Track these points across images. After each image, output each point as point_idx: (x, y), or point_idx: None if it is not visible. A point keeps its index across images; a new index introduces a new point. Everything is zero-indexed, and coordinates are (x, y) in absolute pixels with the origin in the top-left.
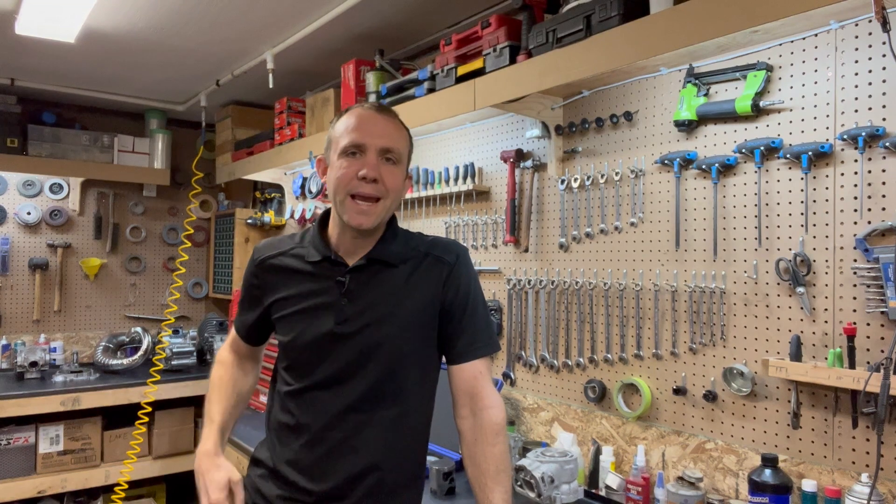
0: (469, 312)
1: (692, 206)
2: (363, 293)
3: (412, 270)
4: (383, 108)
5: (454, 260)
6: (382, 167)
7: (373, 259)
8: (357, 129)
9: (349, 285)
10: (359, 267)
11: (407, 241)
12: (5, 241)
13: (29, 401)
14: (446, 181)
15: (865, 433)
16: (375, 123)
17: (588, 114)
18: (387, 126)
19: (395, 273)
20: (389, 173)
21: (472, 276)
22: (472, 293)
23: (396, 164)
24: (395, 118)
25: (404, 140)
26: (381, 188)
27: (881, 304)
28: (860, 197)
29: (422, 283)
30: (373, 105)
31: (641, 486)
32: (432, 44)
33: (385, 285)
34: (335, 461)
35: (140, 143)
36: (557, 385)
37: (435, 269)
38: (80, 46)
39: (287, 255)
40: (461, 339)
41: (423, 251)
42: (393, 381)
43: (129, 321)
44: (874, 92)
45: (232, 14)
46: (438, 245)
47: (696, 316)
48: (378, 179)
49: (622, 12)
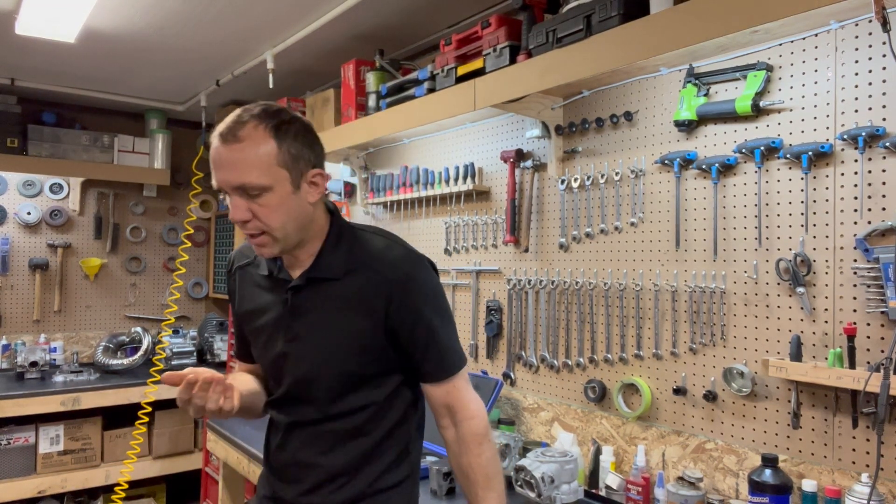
0: (427, 336)
1: (692, 206)
2: (307, 310)
3: (355, 284)
4: (231, 129)
5: (399, 277)
6: (249, 203)
7: (311, 278)
8: (213, 168)
9: (293, 302)
10: (299, 285)
11: (352, 250)
12: (5, 241)
13: (29, 401)
14: (446, 181)
15: (865, 433)
16: (222, 159)
17: (588, 114)
18: (233, 158)
19: (337, 287)
20: (259, 207)
21: (427, 293)
22: (427, 313)
23: (262, 193)
24: (243, 141)
25: (262, 162)
26: (257, 224)
27: (881, 304)
28: (860, 197)
29: (364, 299)
30: (223, 129)
31: (641, 486)
32: (432, 44)
33: (327, 301)
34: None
35: (140, 143)
36: (557, 385)
37: (378, 287)
38: (80, 46)
39: (252, 264)
40: (426, 364)
41: (369, 263)
42: (341, 399)
43: (129, 321)
44: (874, 92)
45: (232, 14)
46: (385, 259)
47: (696, 316)
48: (249, 219)
49: (622, 12)
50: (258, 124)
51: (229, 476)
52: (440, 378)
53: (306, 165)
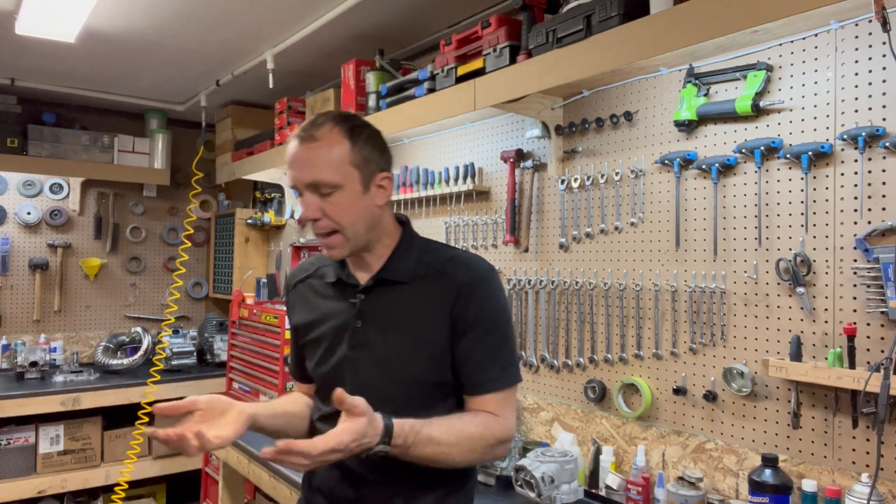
0: (477, 339)
1: (692, 206)
2: (375, 314)
3: (424, 288)
4: (308, 129)
5: (469, 279)
6: (320, 202)
7: (380, 279)
8: (288, 167)
9: (360, 306)
10: (368, 287)
11: (422, 256)
12: (5, 241)
13: (29, 401)
14: (446, 181)
15: (865, 433)
16: (298, 157)
17: (588, 114)
18: (309, 156)
19: (406, 291)
20: (330, 205)
21: (492, 299)
22: (487, 318)
23: (334, 191)
24: (319, 140)
25: (336, 160)
26: (327, 223)
27: (881, 304)
28: (860, 197)
29: (432, 303)
30: (299, 130)
31: (641, 486)
32: (432, 44)
33: (396, 305)
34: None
35: (140, 143)
36: (557, 385)
37: (446, 288)
38: (80, 46)
39: (313, 276)
40: (466, 369)
41: (439, 268)
42: (409, 405)
43: (129, 321)
44: (874, 92)
45: (232, 14)
46: (456, 261)
47: (696, 316)
48: (320, 217)
49: (622, 12)
50: (334, 126)
51: (229, 476)
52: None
53: (376, 168)
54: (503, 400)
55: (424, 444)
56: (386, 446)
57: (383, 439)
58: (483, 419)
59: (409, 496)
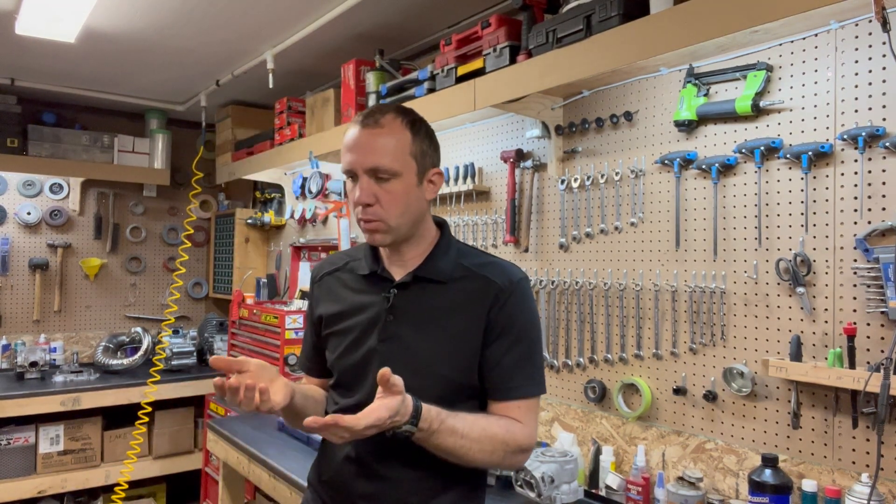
0: (508, 345)
1: (692, 206)
2: (408, 310)
3: (461, 290)
4: (372, 115)
5: (506, 284)
6: (376, 187)
7: (419, 277)
8: (347, 151)
9: (394, 301)
10: (405, 283)
11: (460, 258)
12: (5, 241)
13: (29, 401)
14: (446, 181)
15: (865, 433)
16: (360, 142)
17: (588, 114)
18: (372, 142)
19: (442, 290)
20: (385, 192)
21: (526, 307)
22: (519, 325)
23: (391, 178)
24: (383, 127)
25: (397, 149)
26: (377, 210)
27: (881, 304)
28: (860, 197)
29: (468, 305)
30: (360, 117)
31: (641, 486)
32: (432, 44)
33: (431, 303)
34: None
35: (140, 143)
36: (557, 385)
37: (484, 291)
38: (80, 46)
39: (342, 269)
40: (494, 374)
41: (476, 271)
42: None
43: (129, 321)
44: (874, 92)
45: (232, 14)
46: (494, 266)
47: (696, 316)
48: (373, 202)
49: (622, 12)
50: (397, 116)
51: (229, 476)
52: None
53: (430, 163)
54: (527, 408)
55: (447, 434)
56: (413, 427)
57: (411, 420)
58: (507, 423)
59: (424, 495)
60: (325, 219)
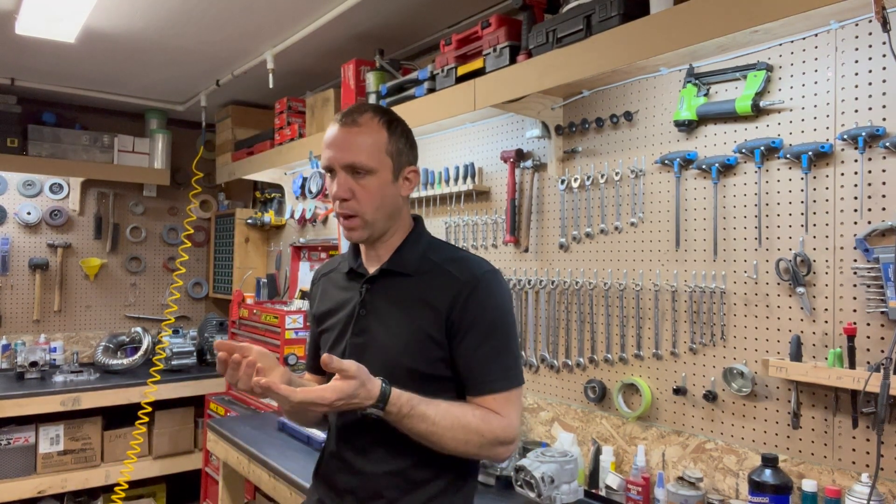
0: (479, 339)
1: (692, 206)
2: (377, 304)
3: (425, 283)
4: (350, 115)
5: (469, 279)
6: (352, 183)
7: (385, 270)
8: (326, 148)
9: (365, 296)
10: (374, 277)
11: (429, 252)
12: (5, 241)
13: (29, 401)
14: (446, 181)
15: (865, 433)
16: (338, 139)
17: (588, 114)
18: (349, 139)
19: (407, 283)
20: (360, 188)
21: (494, 300)
22: (488, 318)
23: (367, 175)
24: (360, 126)
25: (374, 146)
26: (353, 205)
27: (881, 304)
28: (860, 197)
29: (430, 299)
30: (341, 115)
31: (641, 486)
32: (432, 44)
33: (396, 296)
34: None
35: (140, 143)
36: (557, 385)
37: (445, 287)
38: (80, 46)
39: (336, 270)
40: (468, 368)
41: (442, 265)
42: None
43: (129, 321)
44: (874, 92)
45: (232, 14)
46: (459, 262)
47: (696, 316)
48: (350, 197)
49: (622, 12)
50: (374, 116)
51: (229, 476)
52: (479, 390)
53: (406, 161)
54: (505, 400)
55: (419, 420)
56: (380, 410)
57: (377, 403)
58: (483, 413)
59: (404, 489)
60: (325, 219)
